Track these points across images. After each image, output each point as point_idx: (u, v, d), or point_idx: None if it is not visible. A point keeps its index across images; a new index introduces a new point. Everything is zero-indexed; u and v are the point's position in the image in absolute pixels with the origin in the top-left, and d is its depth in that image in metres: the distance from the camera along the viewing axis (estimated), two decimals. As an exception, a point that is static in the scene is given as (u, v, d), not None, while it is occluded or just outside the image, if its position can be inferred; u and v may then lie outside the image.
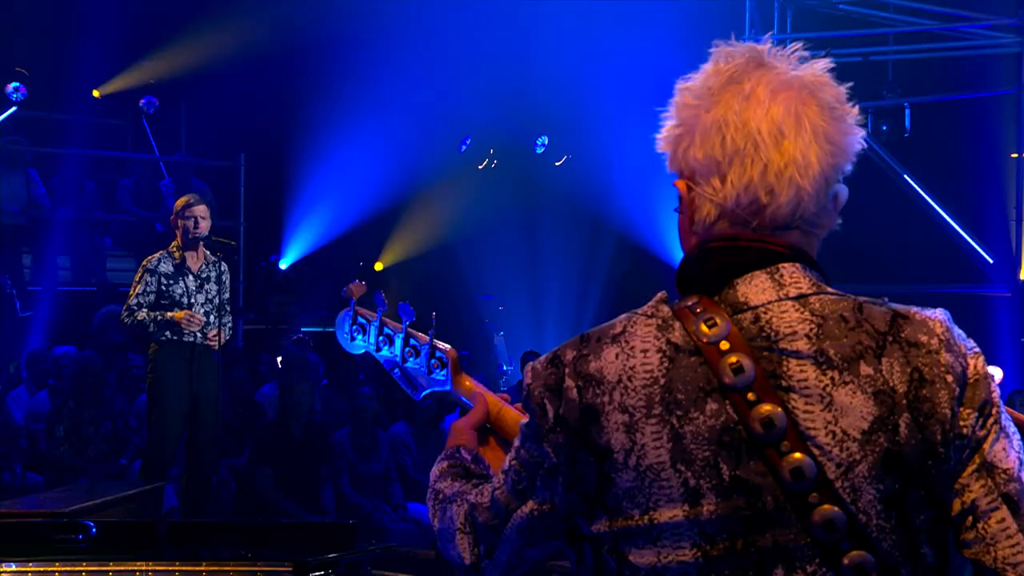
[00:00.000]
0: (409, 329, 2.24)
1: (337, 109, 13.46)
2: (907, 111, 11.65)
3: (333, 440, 8.62)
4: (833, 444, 1.55)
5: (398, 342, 2.24)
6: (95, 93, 13.73)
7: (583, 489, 1.62)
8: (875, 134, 11.53)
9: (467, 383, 2.20)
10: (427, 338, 2.22)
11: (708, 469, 1.55)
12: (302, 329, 13.00)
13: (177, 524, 4.29)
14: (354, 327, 2.31)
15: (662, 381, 1.58)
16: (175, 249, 7.60)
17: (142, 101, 13.33)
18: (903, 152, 11.66)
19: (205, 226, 7.56)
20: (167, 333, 7.41)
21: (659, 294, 1.67)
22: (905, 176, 11.59)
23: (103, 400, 8.64)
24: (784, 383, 1.57)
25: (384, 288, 2.44)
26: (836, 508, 1.54)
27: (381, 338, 2.27)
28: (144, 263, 7.56)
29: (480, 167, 14.85)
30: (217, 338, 7.52)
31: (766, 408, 1.55)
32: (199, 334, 7.48)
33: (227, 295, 7.75)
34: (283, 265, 13.79)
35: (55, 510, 4.19)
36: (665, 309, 1.64)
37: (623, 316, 1.66)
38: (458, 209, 13.68)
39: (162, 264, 7.54)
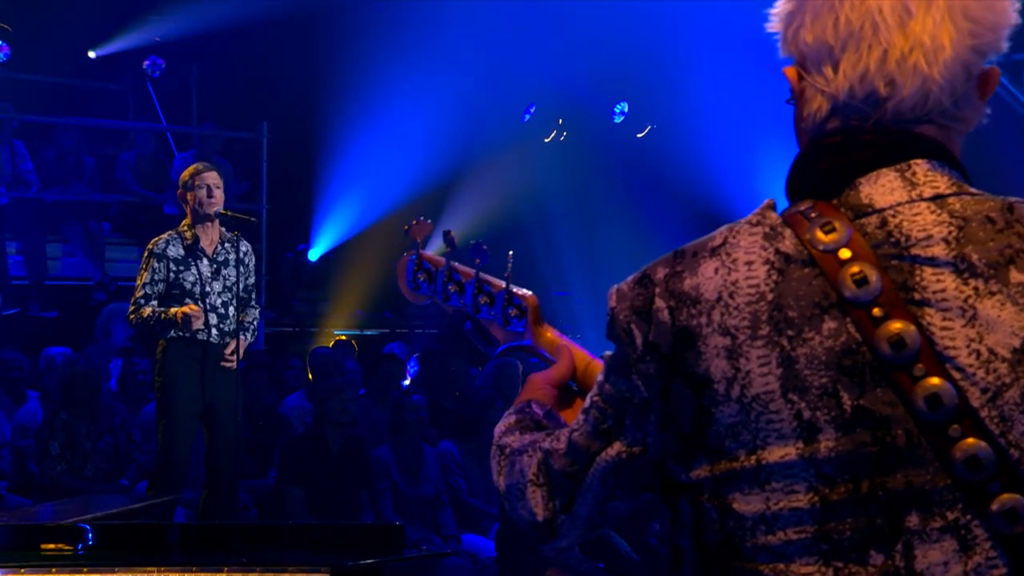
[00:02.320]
0: (482, 275, 2.28)
1: (376, 71, 13.49)
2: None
3: (375, 457, 8.68)
4: (977, 366, 1.56)
5: (469, 290, 2.28)
6: (91, 53, 13.91)
7: (678, 427, 1.65)
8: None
9: (549, 334, 2.24)
10: (502, 284, 2.25)
11: (826, 398, 1.57)
12: (334, 332, 13.12)
13: (192, 527, 4.37)
14: (419, 273, 2.35)
15: (770, 297, 1.60)
16: (185, 228, 7.65)
17: (146, 63, 13.50)
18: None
19: (219, 197, 7.61)
20: (178, 330, 7.47)
21: (766, 201, 1.70)
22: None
23: (100, 410, 8.72)
24: (917, 296, 1.58)
25: None
26: (982, 442, 1.55)
27: (450, 285, 2.31)
28: (150, 246, 7.60)
29: (547, 140, 14.87)
30: (234, 332, 7.58)
31: (895, 325, 1.56)
32: (214, 329, 7.55)
33: (252, 279, 7.82)
34: (312, 256, 13.90)
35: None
36: (773, 216, 1.67)
37: (723, 227, 1.69)
38: (521, 189, 13.70)
39: (171, 247, 7.55)
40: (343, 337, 12.51)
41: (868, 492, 1.57)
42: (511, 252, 2.23)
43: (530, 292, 2.24)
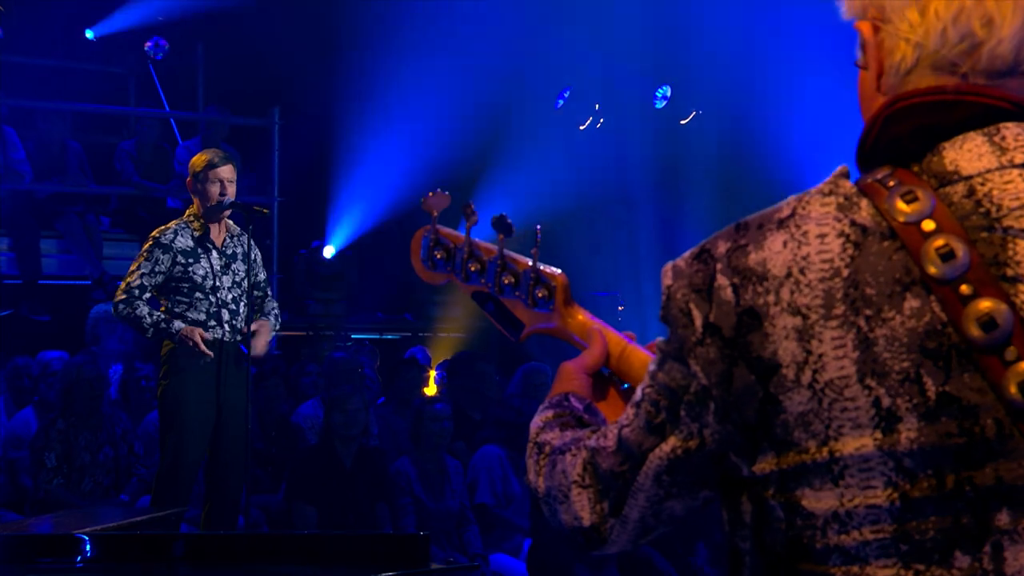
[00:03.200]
0: (506, 252, 2.24)
1: (398, 51, 13.52)
2: None
3: (394, 470, 8.68)
4: None
5: (492, 268, 2.25)
6: (89, 34, 13.96)
7: (742, 417, 1.63)
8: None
9: (579, 316, 2.21)
10: (528, 262, 2.22)
11: (907, 384, 1.55)
12: (352, 336, 13.13)
13: (198, 538, 4.37)
14: (435, 250, 2.32)
15: (845, 273, 1.58)
16: (193, 219, 7.67)
17: (148, 44, 13.54)
18: None
19: (232, 192, 7.64)
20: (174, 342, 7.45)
21: (838, 168, 1.68)
22: None
23: (101, 419, 8.75)
24: (1009, 271, 1.56)
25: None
26: None
27: (470, 263, 2.27)
28: (155, 234, 7.57)
29: (582, 127, 14.87)
30: (248, 329, 7.57)
31: (985, 304, 1.54)
32: (227, 326, 7.55)
33: (262, 275, 7.83)
34: (328, 253, 13.92)
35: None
36: (847, 184, 1.65)
37: (790, 197, 1.67)
38: (554, 181, 13.69)
39: (179, 238, 7.56)
40: (364, 342, 12.50)
41: (953, 488, 1.55)
42: (539, 227, 2.19)
43: (559, 271, 2.21)
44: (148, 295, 7.47)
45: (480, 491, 8.97)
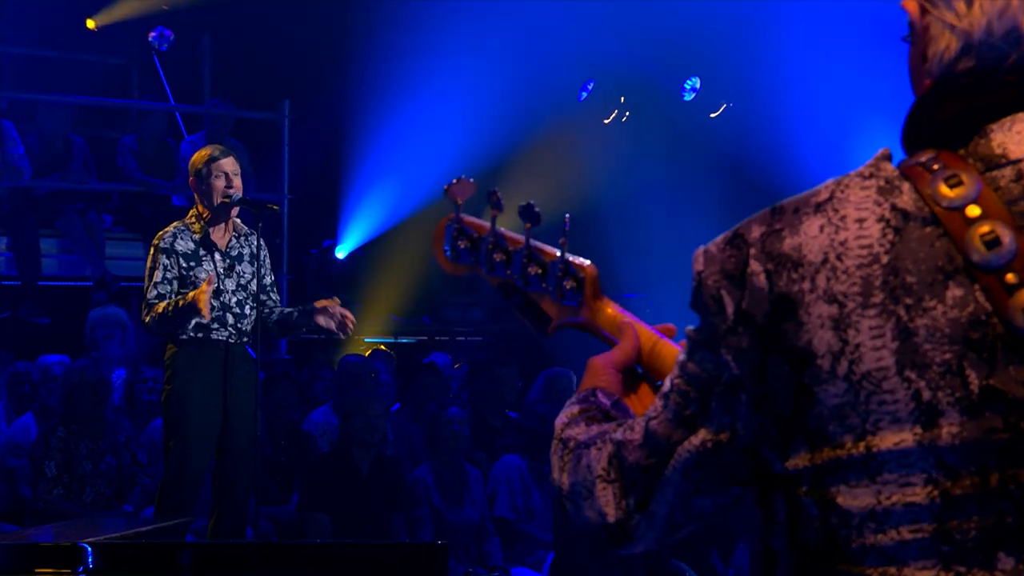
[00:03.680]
0: (533, 242, 2.24)
1: (414, 42, 13.50)
2: None
3: (411, 479, 8.69)
4: None
5: (518, 259, 2.25)
6: (90, 23, 13.99)
7: (775, 409, 1.63)
8: None
9: (609, 310, 2.20)
10: (556, 253, 2.22)
11: (949, 377, 1.55)
12: (366, 340, 13.13)
13: (206, 547, 4.38)
14: (459, 240, 2.31)
15: (885, 260, 1.59)
16: (194, 220, 7.67)
17: (152, 34, 13.56)
18: None
19: (238, 186, 7.63)
20: (190, 329, 7.44)
21: (880, 151, 1.68)
22: None
23: (103, 427, 8.76)
24: None
25: (482, 285, 2.44)
26: None
27: (495, 254, 2.27)
28: (155, 242, 7.58)
29: (607, 120, 14.85)
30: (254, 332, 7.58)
31: (1033, 293, 1.54)
32: (232, 329, 7.56)
33: (270, 279, 7.84)
34: (340, 253, 13.93)
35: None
36: (888, 167, 1.65)
37: (829, 181, 1.68)
38: (577, 177, 13.69)
39: (179, 241, 7.56)
40: (382, 347, 12.50)
41: (998, 486, 1.55)
42: (567, 216, 2.19)
43: (588, 262, 2.21)
44: (165, 301, 7.43)
45: (499, 505, 8.97)
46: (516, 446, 9.33)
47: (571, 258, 2.21)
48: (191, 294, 7.29)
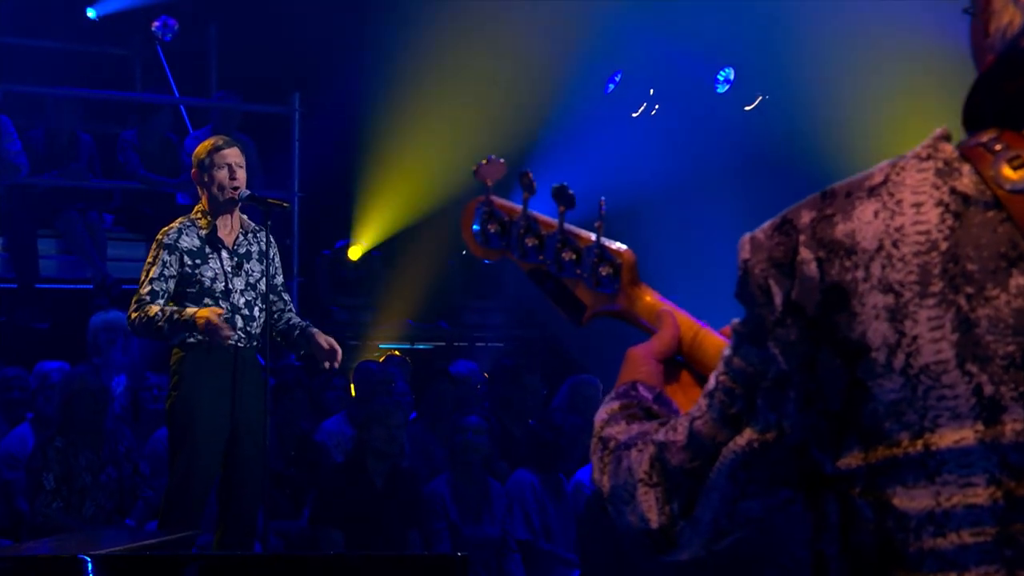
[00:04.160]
0: (567, 226, 2.24)
1: (434, 29, 13.49)
2: None
3: (428, 492, 8.69)
4: None
5: (551, 244, 2.24)
6: (90, 12, 14.02)
7: (825, 405, 1.63)
8: None
9: (648, 297, 2.20)
10: (591, 237, 2.22)
11: (1012, 371, 1.55)
12: (380, 346, 13.14)
13: (213, 559, 4.38)
14: (489, 224, 2.31)
15: (944, 246, 1.58)
16: (200, 216, 7.67)
17: (156, 24, 13.59)
18: None
19: (243, 178, 7.62)
20: (197, 333, 7.42)
21: (937, 130, 1.67)
22: None
23: (103, 437, 8.77)
24: None
25: (503, 286, 2.43)
26: None
27: (528, 238, 2.27)
28: (159, 236, 7.57)
29: (635, 114, 14.84)
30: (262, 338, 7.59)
31: (1102, 282, 1.54)
32: (241, 332, 7.54)
33: (280, 278, 7.84)
34: (354, 255, 13.93)
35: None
36: (947, 148, 1.64)
37: (883, 163, 1.67)
38: (604, 174, 13.66)
39: (184, 237, 7.55)
40: (396, 352, 12.50)
41: None
42: (603, 199, 2.19)
43: (625, 247, 2.21)
44: (162, 302, 7.41)
45: (514, 525, 8.90)
46: (529, 460, 9.22)
47: (607, 243, 2.21)
48: (191, 310, 7.29)
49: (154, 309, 7.32)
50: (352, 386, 10.89)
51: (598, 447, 1.95)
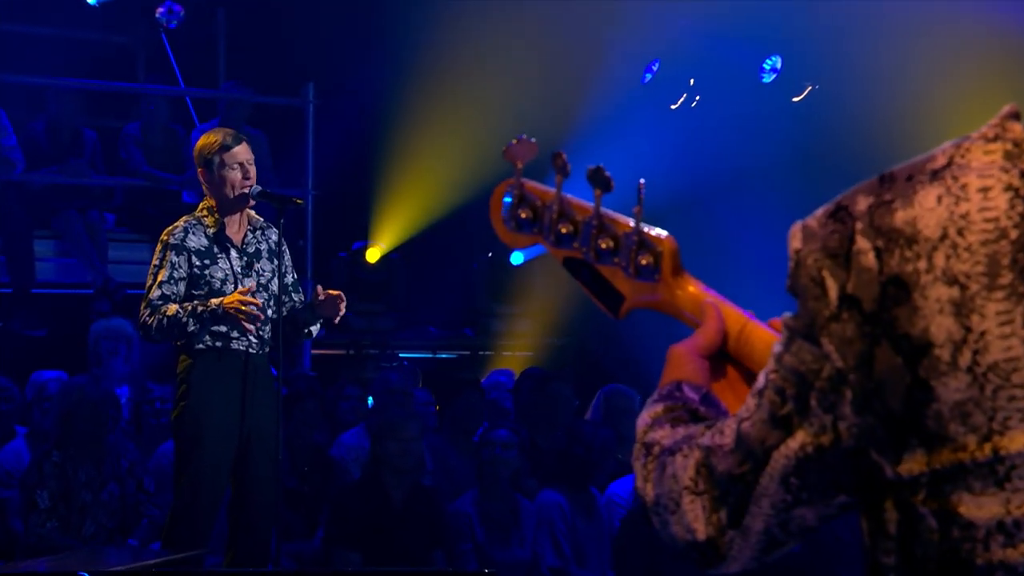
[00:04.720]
0: (604, 211, 2.23)
1: (457, 16, 13.48)
2: None
3: (453, 511, 8.69)
4: None
5: (587, 230, 2.23)
6: (91, -1, 14.08)
7: (885, 406, 1.62)
8: None
9: (691, 288, 2.18)
10: (630, 223, 2.21)
11: None
12: (401, 355, 13.15)
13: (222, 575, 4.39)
14: (520, 209, 2.30)
15: (1014, 235, 1.58)
16: (207, 214, 7.68)
17: (160, 10, 13.61)
18: None
19: (254, 174, 7.64)
20: (207, 338, 7.44)
21: (1005, 107, 1.67)
22: None
23: (104, 451, 8.77)
24: None
25: (531, 287, 2.43)
26: None
27: (561, 224, 2.26)
28: (164, 236, 7.57)
29: (674, 106, 14.84)
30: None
31: None
32: (253, 338, 7.54)
33: (290, 279, 7.83)
34: (372, 257, 13.94)
35: None
36: (1016, 128, 1.64)
37: (946, 144, 1.66)
38: (641, 169, 13.62)
39: (191, 236, 7.55)
40: (404, 364, 12.53)
41: None
42: (642, 181, 2.17)
43: (666, 233, 2.19)
44: (174, 304, 7.42)
45: (543, 551, 8.86)
46: (558, 477, 9.15)
47: (647, 229, 2.20)
48: (215, 301, 7.30)
49: (173, 308, 7.34)
50: (370, 397, 10.87)
51: (641, 453, 1.94)
